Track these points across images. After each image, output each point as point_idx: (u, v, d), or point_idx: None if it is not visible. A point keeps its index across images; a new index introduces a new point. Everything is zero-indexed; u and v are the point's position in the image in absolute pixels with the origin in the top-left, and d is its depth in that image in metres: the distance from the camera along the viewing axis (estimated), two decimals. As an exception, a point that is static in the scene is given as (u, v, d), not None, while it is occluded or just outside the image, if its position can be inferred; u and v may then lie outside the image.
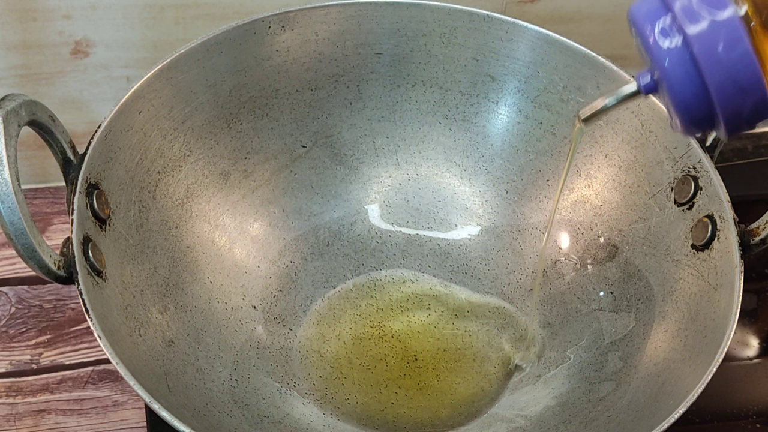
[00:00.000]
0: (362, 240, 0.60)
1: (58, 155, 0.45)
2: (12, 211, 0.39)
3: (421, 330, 0.56)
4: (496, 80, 0.58)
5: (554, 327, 0.56)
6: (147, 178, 0.51)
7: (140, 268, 0.49)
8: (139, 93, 0.49)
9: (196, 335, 0.50)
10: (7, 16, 0.57)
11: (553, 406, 0.51)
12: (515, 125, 0.58)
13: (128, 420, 0.55)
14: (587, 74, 0.55)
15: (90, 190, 0.45)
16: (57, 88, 0.61)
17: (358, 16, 0.56)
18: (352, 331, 0.56)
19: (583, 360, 0.53)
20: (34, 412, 0.55)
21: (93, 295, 0.42)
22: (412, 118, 0.60)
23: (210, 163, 0.55)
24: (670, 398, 0.43)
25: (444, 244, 0.60)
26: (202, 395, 0.47)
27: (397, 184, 0.61)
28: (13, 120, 0.40)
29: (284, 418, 0.50)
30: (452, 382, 0.54)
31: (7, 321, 0.59)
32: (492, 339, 0.56)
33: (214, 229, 0.55)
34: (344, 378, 0.54)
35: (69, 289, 0.60)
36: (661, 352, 0.49)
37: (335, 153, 0.60)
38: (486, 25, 0.56)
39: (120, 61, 0.61)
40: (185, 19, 0.60)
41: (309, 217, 0.59)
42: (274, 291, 0.56)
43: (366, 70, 0.58)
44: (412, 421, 0.52)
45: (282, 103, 0.57)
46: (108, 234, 0.46)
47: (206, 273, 0.54)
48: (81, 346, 0.58)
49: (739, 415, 0.56)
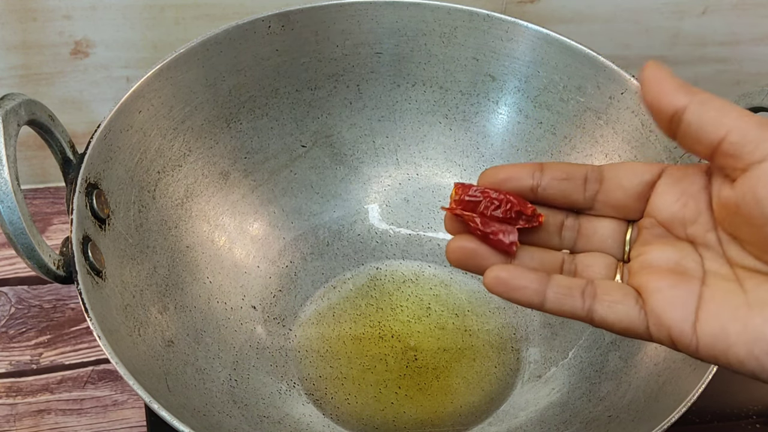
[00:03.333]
0: (362, 240, 0.60)
1: (58, 155, 0.45)
2: (12, 211, 0.39)
3: (421, 330, 0.56)
4: (496, 80, 0.58)
5: (554, 327, 0.56)
6: (147, 178, 0.51)
7: (140, 268, 0.49)
8: (139, 93, 0.49)
9: (195, 335, 0.50)
10: (7, 16, 0.57)
11: (553, 405, 0.51)
12: (515, 125, 0.58)
13: (128, 419, 0.55)
14: (587, 74, 0.55)
15: (89, 190, 0.45)
16: (57, 88, 0.61)
17: (358, 16, 0.56)
18: (352, 331, 0.56)
19: (584, 360, 0.53)
20: (34, 412, 0.55)
21: (92, 295, 0.42)
22: (412, 118, 0.60)
23: (210, 163, 0.55)
24: (670, 398, 0.43)
25: (444, 244, 0.60)
26: (201, 395, 0.47)
27: (397, 184, 0.61)
28: (13, 119, 0.40)
29: (284, 418, 0.50)
30: (452, 382, 0.54)
31: (7, 321, 0.59)
32: (492, 339, 0.56)
33: (214, 228, 0.55)
34: (344, 378, 0.53)
35: (69, 289, 0.60)
36: (661, 351, 0.49)
37: (335, 153, 0.60)
38: (486, 24, 0.56)
39: (120, 61, 0.61)
40: (185, 19, 0.60)
41: (309, 217, 0.59)
42: (273, 291, 0.56)
43: (366, 70, 0.58)
44: (412, 421, 0.52)
45: (282, 102, 0.57)
46: (107, 234, 0.46)
47: (206, 273, 0.54)
48: (81, 346, 0.58)
49: (739, 415, 0.56)
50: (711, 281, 0.32)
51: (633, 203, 0.35)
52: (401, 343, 0.55)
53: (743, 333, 0.30)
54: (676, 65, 0.70)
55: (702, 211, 0.33)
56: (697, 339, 0.31)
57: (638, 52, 0.68)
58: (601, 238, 0.36)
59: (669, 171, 0.35)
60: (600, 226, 0.36)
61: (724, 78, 0.71)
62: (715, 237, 0.33)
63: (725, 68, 0.71)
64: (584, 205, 0.36)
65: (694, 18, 0.67)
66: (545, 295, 0.34)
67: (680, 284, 0.32)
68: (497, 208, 0.35)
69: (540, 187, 0.35)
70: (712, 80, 0.71)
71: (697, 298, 0.31)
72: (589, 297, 0.33)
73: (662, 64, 0.32)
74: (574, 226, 0.36)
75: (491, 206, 0.35)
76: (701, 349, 0.31)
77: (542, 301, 0.34)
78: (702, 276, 0.32)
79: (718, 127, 0.31)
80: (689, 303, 0.31)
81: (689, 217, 0.33)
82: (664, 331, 0.31)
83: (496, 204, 0.35)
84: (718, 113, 0.31)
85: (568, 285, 0.34)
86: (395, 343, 0.55)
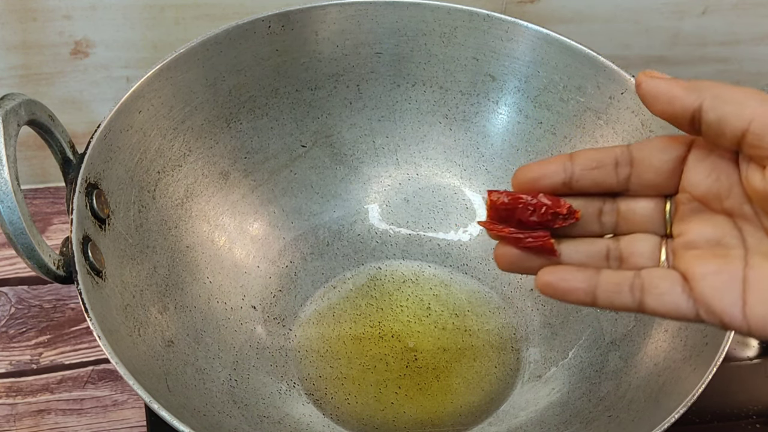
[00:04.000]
0: (362, 240, 0.60)
1: (58, 155, 0.45)
2: (11, 211, 0.39)
3: (421, 330, 0.56)
4: (496, 80, 0.58)
5: (554, 327, 0.56)
6: (146, 178, 0.51)
7: (140, 268, 0.49)
8: (139, 93, 0.49)
9: (195, 335, 0.50)
10: (7, 16, 0.57)
11: (553, 405, 0.51)
12: (515, 125, 0.58)
13: (128, 419, 0.55)
14: (587, 74, 0.55)
15: (89, 190, 0.45)
16: (57, 88, 0.61)
17: (358, 16, 0.56)
18: (352, 331, 0.56)
19: (584, 360, 0.53)
20: (34, 412, 0.55)
21: (92, 295, 0.42)
22: (412, 118, 0.60)
23: (210, 163, 0.55)
24: (670, 398, 0.43)
25: (444, 244, 0.60)
26: (201, 395, 0.47)
27: (397, 184, 0.61)
28: (13, 119, 0.40)
29: (284, 418, 0.50)
30: (452, 382, 0.54)
31: (7, 321, 0.59)
32: (492, 339, 0.56)
33: (214, 228, 0.55)
34: (344, 378, 0.53)
35: (69, 289, 0.60)
36: (661, 351, 0.49)
37: (335, 153, 0.60)
38: (486, 24, 0.56)
39: (120, 61, 0.61)
40: (185, 19, 0.60)
41: (309, 217, 0.59)
42: (273, 291, 0.56)
43: (366, 70, 0.58)
44: (412, 421, 0.52)
45: (282, 102, 0.57)
46: (107, 234, 0.46)
47: (206, 273, 0.54)
48: (81, 346, 0.58)
49: (739, 415, 0.56)
50: (754, 261, 0.32)
51: (666, 181, 0.35)
52: (401, 343, 0.55)
53: None
54: (676, 65, 0.70)
55: (734, 184, 0.33)
56: (748, 322, 0.31)
57: (638, 52, 0.68)
58: (641, 218, 0.36)
59: (697, 144, 0.34)
60: (638, 207, 0.36)
61: (724, 78, 0.71)
62: (751, 209, 0.33)
63: (725, 68, 0.71)
64: (619, 189, 0.36)
65: (694, 18, 0.67)
66: (595, 294, 0.34)
67: (724, 269, 0.32)
68: (533, 213, 0.35)
69: (573, 179, 0.35)
70: (712, 80, 0.71)
71: (743, 283, 0.32)
72: (638, 290, 0.34)
73: (653, 71, 0.33)
74: (613, 210, 0.36)
75: (526, 212, 0.35)
76: (753, 331, 0.32)
77: (593, 300, 0.35)
78: (744, 255, 0.32)
79: (739, 119, 0.30)
80: (735, 288, 0.32)
81: (723, 191, 0.33)
82: (715, 317, 0.32)
83: (530, 210, 0.35)
84: (736, 106, 0.31)
85: (617, 281, 0.34)
86: (395, 343, 0.55)
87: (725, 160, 0.33)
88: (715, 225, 0.34)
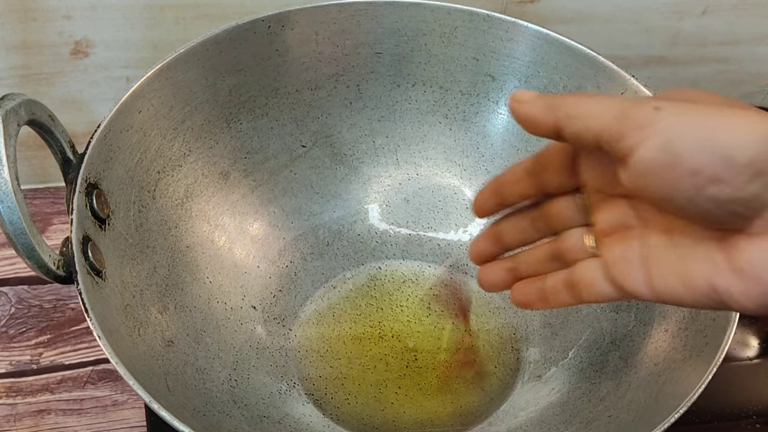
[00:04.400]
0: (362, 240, 0.60)
1: (58, 155, 0.45)
2: (11, 211, 0.39)
3: (421, 330, 0.56)
4: (497, 80, 0.58)
5: (554, 327, 0.56)
6: (146, 178, 0.51)
7: (140, 268, 0.49)
8: (139, 93, 0.49)
9: (195, 335, 0.50)
10: (7, 16, 0.57)
11: (553, 405, 0.51)
12: (515, 125, 0.57)
13: (128, 420, 0.55)
14: (587, 74, 0.55)
15: (89, 190, 0.45)
16: (57, 88, 0.61)
17: (358, 16, 0.56)
18: (352, 331, 0.56)
19: (584, 360, 0.53)
20: (34, 412, 0.55)
21: (92, 295, 0.42)
22: (412, 118, 0.60)
23: (210, 163, 0.55)
24: (670, 398, 0.43)
25: (444, 244, 0.60)
26: (201, 395, 0.47)
27: (397, 184, 0.61)
28: (13, 119, 0.40)
29: (284, 418, 0.50)
30: (452, 382, 0.54)
31: (7, 321, 0.59)
32: (492, 339, 0.56)
33: (214, 228, 0.55)
34: (344, 378, 0.53)
35: (69, 289, 0.60)
36: (661, 351, 0.49)
37: (335, 153, 0.60)
38: (486, 24, 0.56)
39: (120, 61, 0.61)
40: (185, 19, 0.60)
41: (309, 217, 0.59)
42: (273, 291, 0.56)
43: (366, 70, 0.58)
44: (412, 421, 0.52)
45: (282, 102, 0.57)
46: (107, 234, 0.46)
47: (206, 273, 0.54)
48: (81, 346, 0.58)
49: (739, 415, 0.56)
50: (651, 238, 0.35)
51: (569, 179, 0.38)
52: (401, 343, 0.55)
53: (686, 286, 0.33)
54: (676, 65, 0.70)
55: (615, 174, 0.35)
56: (658, 295, 0.34)
57: (638, 52, 0.68)
58: (566, 215, 0.39)
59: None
60: (561, 206, 0.39)
61: (724, 78, 0.71)
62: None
63: (725, 68, 0.71)
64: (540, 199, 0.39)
65: (694, 18, 0.67)
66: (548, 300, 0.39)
67: (627, 251, 0.35)
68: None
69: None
70: (712, 80, 0.71)
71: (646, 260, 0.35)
72: (573, 287, 0.37)
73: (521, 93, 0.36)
74: (541, 215, 0.39)
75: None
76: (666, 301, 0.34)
77: (548, 304, 0.39)
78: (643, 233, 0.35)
79: (590, 132, 0.33)
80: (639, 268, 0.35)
81: (610, 182, 0.35)
82: (631, 296, 0.35)
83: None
84: (586, 121, 0.33)
85: (553, 284, 0.39)
86: (395, 343, 0.55)
87: (604, 154, 0.35)
88: (617, 209, 0.36)
